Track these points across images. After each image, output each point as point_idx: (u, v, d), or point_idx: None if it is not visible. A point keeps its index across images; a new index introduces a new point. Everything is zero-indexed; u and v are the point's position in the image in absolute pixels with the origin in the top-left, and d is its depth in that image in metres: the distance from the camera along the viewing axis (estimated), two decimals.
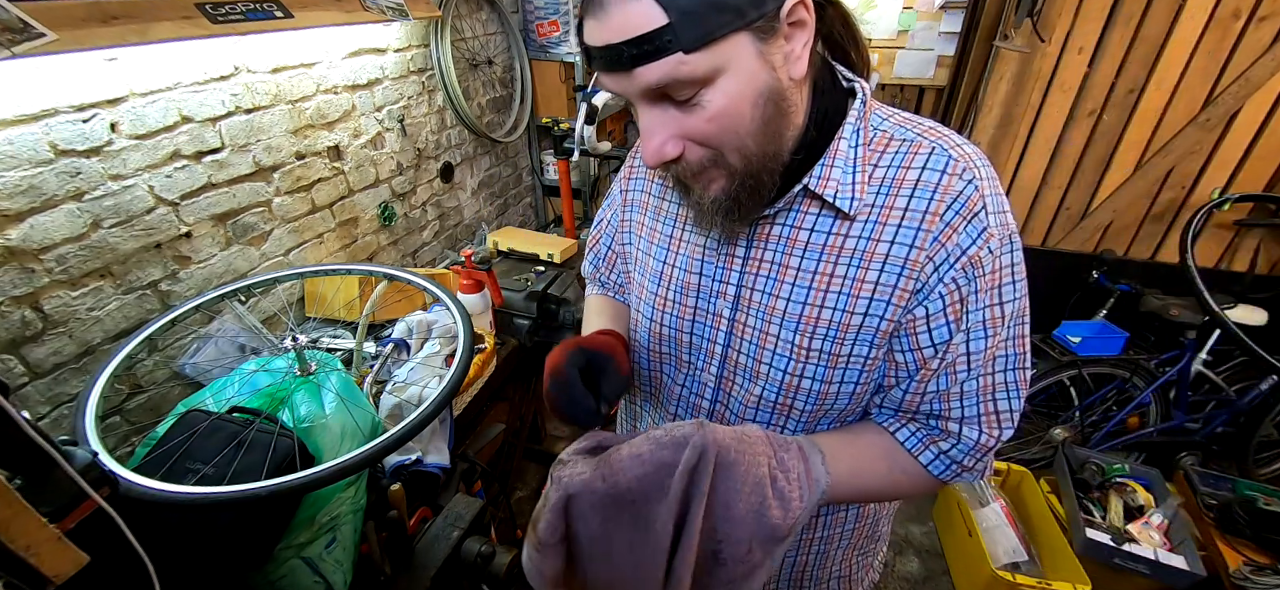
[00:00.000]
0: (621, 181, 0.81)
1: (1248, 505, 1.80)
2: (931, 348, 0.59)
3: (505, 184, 2.66)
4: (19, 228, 1.07)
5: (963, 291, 0.57)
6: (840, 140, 0.59)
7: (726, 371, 0.69)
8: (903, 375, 0.62)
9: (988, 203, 0.56)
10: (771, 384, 0.65)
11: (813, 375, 0.63)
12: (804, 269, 0.61)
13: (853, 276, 0.59)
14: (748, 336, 0.65)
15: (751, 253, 0.64)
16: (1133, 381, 2.18)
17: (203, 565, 0.90)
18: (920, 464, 0.64)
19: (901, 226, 0.57)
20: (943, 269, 0.56)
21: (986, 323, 0.58)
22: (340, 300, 1.62)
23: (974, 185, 0.56)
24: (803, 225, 0.61)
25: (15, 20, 0.93)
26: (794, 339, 0.62)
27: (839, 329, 0.60)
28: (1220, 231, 2.38)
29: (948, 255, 0.56)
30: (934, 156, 0.57)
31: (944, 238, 0.56)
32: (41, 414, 1.15)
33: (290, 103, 1.55)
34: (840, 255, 0.59)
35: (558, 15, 2.41)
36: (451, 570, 1.09)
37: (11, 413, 0.54)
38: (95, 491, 0.62)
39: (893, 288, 0.58)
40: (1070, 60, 2.28)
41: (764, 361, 0.65)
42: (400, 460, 1.25)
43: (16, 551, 0.53)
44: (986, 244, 0.56)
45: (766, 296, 0.63)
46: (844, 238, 0.59)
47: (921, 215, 0.56)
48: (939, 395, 0.61)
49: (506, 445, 1.87)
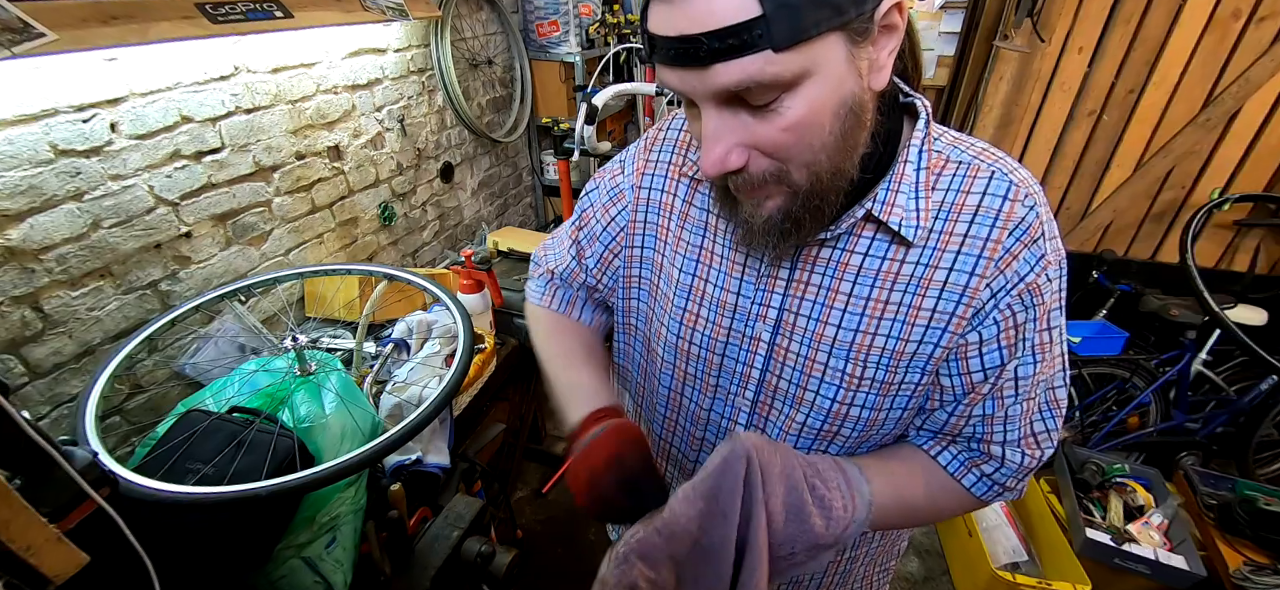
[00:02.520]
0: (634, 176, 0.72)
1: (1248, 505, 1.80)
2: (981, 374, 0.57)
3: (505, 184, 2.66)
4: (19, 228, 1.07)
5: (1018, 318, 0.55)
6: (906, 163, 0.55)
7: (763, 397, 0.65)
8: (948, 399, 0.60)
9: (1046, 229, 0.55)
10: (817, 412, 0.62)
11: (862, 403, 0.60)
12: (856, 295, 0.58)
13: (909, 304, 0.56)
14: (790, 362, 0.62)
15: (796, 275, 0.60)
16: (1133, 381, 2.19)
17: (203, 565, 0.90)
18: (963, 486, 0.63)
19: (961, 253, 0.55)
20: (1001, 296, 0.55)
21: (1036, 348, 0.57)
22: (340, 300, 1.62)
23: (1035, 211, 0.54)
24: (856, 248, 0.57)
25: (15, 20, 0.93)
26: (845, 367, 0.59)
27: (892, 357, 0.58)
28: (1220, 231, 2.38)
29: (1007, 282, 0.54)
30: (995, 181, 0.55)
31: (1004, 264, 0.54)
32: (41, 414, 1.15)
33: (290, 103, 1.55)
34: (896, 282, 0.56)
35: (558, 15, 2.41)
36: (451, 570, 1.09)
37: (11, 413, 0.54)
38: (95, 491, 0.62)
39: (950, 315, 0.56)
40: (1070, 60, 2.28)
41: (810, 388, 0.62)
42: (400, 460, 1.25)
43: (16, 551, 0.53)
44: (1045, 271, 0.55)
45: (813, 323, 0.60)
46: (900, 263, 0.56)
47: (983, 242, 0.54)
48: (984, 419, 0.60)
49: (506, 445, 1.87)
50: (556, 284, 0.81)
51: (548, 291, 0.82)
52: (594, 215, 0.76)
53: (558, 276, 0.81)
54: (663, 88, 2.08)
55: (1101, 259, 2.43)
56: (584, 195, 0.78)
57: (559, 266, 0.80)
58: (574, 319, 0.80)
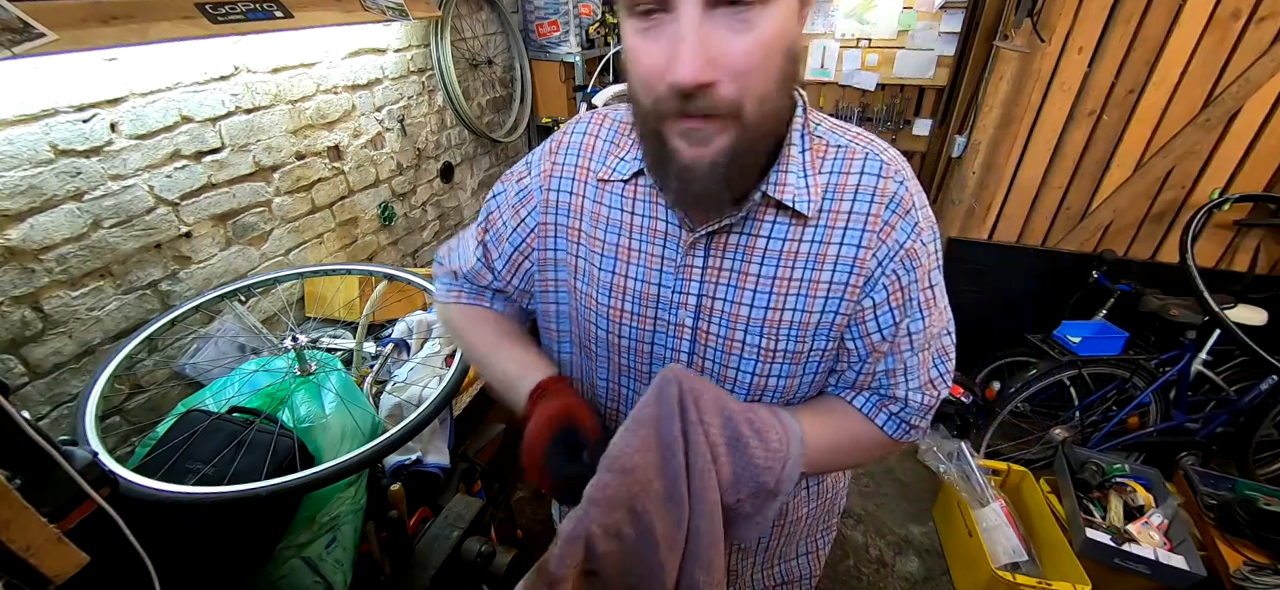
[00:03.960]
0: (541, 178, 0.71)
1: (1248, 505, 1.80)
2: (878, 334, 0.64)
3: None
4: (19, 228, 1.07)
5: (903, 281, 0.62)
6: (790, 145, 0.60)
7: None
8: (854, 359, 0.66)
9: (916, 200, 0.62)
10: (740, 386, 0.67)
11: (779, 374, 0.66)
12: (764, 275, 0.63)
13: (809, 278, 0.62)
14: (712, 344, 0.66)
15: (710, 261, 0.64)
16: (1133, 381, 2.18)
17: (203, 565, 0.90)
18: (876, 425, 0.69)
19: (848, 228, 0.61)
20: (885, 263, 0.61)
21: (923, 306, 0.64)
22: (340, 300, 1.62)
23: (904, 186, 0.61)
24: (760, 233, 0.62)
25: (15, 20, 0.93)
26: (760, 342, 0.64)
27: (800, 329, 0.63)
28: (1220, 231, 2.38)
29: (888, 250, 0.61)
30: (869, 161, 0.61)
31: (885, 235, 0.61)
32: (41, 414, 1.15)
33: (290, 103, 1.55)
34: (797, 259, 0.62)
35: (558, 15, 2.41)
36: (451, 570, 1.09)
37: (11, 413, 0.54)
38: (95, 491, 0.62)
39: (845, 284, 0.62)
40: (1070, 60, 2.28)
41: (732, 366, 0.66)
42: (400, 460, 1.25)
43: (16, 551, 0.53)
44: (919, 237, 0.61)
45: (729, 305, 0.64)
46: (799, 242, 0.61)
47: (865, 216, 0.60)
48: (888, 373, 0.66)
49: (506, 445, 1.87)
50: (465, 281, 0.79)
51: (453, 290, 0.80)
52: (502, 217, 0.74)
53: (463, 277, 0.78)
54: None
55: (1101, 259, 2.43)
56: (490, 198, 0.76)
57: (464, 268, 0.78)
58: (487, 306, 0.79)
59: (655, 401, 0.58)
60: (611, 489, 0.54)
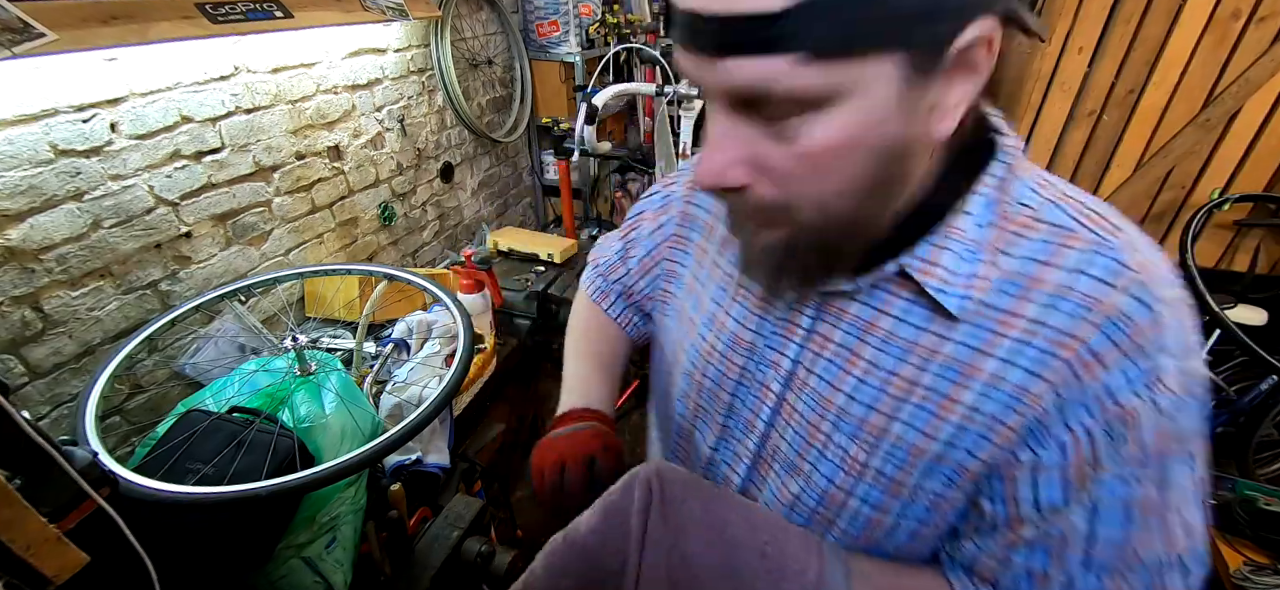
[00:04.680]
0: (685, 187, 0.68)
1: (1248, 505, 1.80)
2: (1032, 506, 0.43)
3: (505, 184, 2.66)
4: (19, 228, 1.07)
5: (1098, 451, 0.41)
6: (965, 214, 0.43)
7: (765, 453, 0.57)
8: (983, 527, 0.46)
9: (1168, 338, 0.40)
10: (812, 489, 0.52)
11: (863, 497, 0.49)
12: (878, 365, 0.47)
13: (943, 392, 0.44)
14: (794, 424, 0.53)
15: (819, 327, 0.50)
16: None
17: (203, 565, 0.90)
18: None
19: (1027, 344, 0.42)
20: (1072, 411, 0.41)
21: (1132, 505, 0.41)
22: (340, 300, 1.62)
23: (1149, 308, 0.40)
24: (889, 309, 0.47)
25: (15, 20, 0.93)
26: (848, 447, 0.49)
27: (908, 452, 0.46)
28: (1220, 231, 2.38)
29: (1084, 396, 0.40)
30: (1096, 256, 0.41)
31: (1085, 371, 0.40)
32: (41, 414, 1.15)
33: (290, 103, 1.55)
34: (932, 360, 0.45)
35: (558, 15, 2.41)
36: (451, 570, 1.09)
37: (11, 413, 0.54)
38: (95, 491, 0.62)
39: (995, 420, 0.43)
40: (1070, 60, 2.28)
41: (808, 459, 0.52)
42: (400, 460, 1.25)
43: (16, 551, 0.53)
44: (1153, 396, 0.39)
45: (824, 384, 0.50)
46: (942, 339, 0.45)
47: (1058, 334, 0.41)
48: (1030, 576, 0.45)
49: (506, 445, 1.87)
50: (599, 275, 0.81)
51: (592, 280, 0.82)
52: (644, 221, 0.74)
53: (600, 269, 0.80)
54: (662, 88, 2.08)
55: None
56: (643, 198, 0.78)
57: (602, 260, 0.80)
58: (606, 311, 0.80)
59: (623, 490, 0.52)
60: (558, 559, 0.52)
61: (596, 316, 0.80)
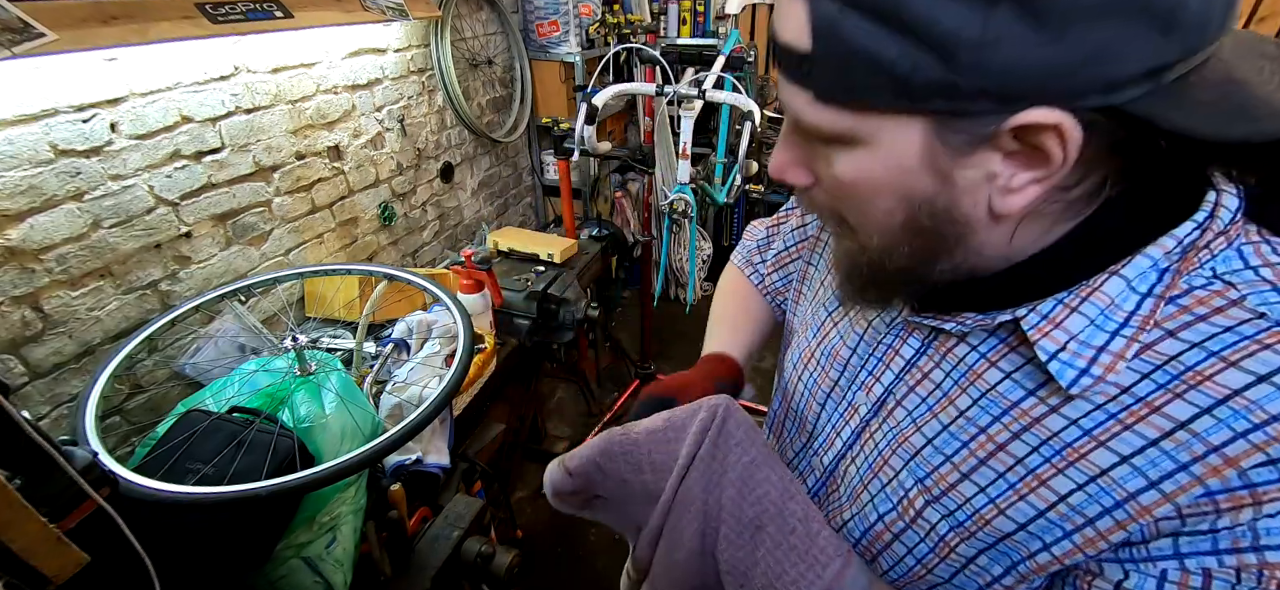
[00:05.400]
0: None
1: None
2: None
3: (505, 184, 2.66)
4: (19, 228, 1.07)
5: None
6: (1115, 274, 0.37)
7: (838, 471, 0.55)
8: None
9: None
10: (862, 519, 0.50)
11: (909, 546, 0.46)
12: (969, 416, 0.43)
13: (1031, 466, 0.39)
14: (869, 450, 0.51)
15: (920, 361, 0.48)
16: None
17: (203, 565, 0.90)
18: None
19: (1157, 443, 0.35)
20: (1194, 544, 0.34)
21: None
22: (340, 300, 1.62)
23: None
24: (999, 362, 0.42)
25: (15, 20, 0.93)
26: (908, 486, 0.46)
27: (971, 517, 0.42)
28: None
29: (1217, 532, 0.33)
30: (1274, 353, 0.32)
31: (1227, 500, 0.33)
32: (41, 414, 1.15)
33: (290, 103, 1.55)
34: (1031, 429, 0.40)
35: (558, 15, 2.41)
36: (451, 570, 1.10)
37: (11, 413, 0.54)
38: (95, 491, 0.62)
39: (1087, 521, 0.37)
40: None
41: (870, 489, 0.50)
42: (400, 460, 1.25)
43: (16, 551, 0.53)
44: None
45: (908, 419, 0.48)
46: (1050, 410, 0.39)
47: (1212, 450, 0.33)
48: None
49: (506, 445, 1.87)
50: (746, 250, 0.84)
51: (740, 252, 0.86)
52: (793, 215, 0.77)
53: (746, 250, 0.84)
54: (662, 88, 2.08)
55: None
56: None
57: (749, 244, 0.84)
58: (748, 277, 0.83)
59: (689, 413, 0.54)
60: (613, 440, 0.55)
61: (741, 280, 0.83)
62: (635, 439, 0.55)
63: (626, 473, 0.55)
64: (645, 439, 0.55)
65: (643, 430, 0.55)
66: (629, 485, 0.55)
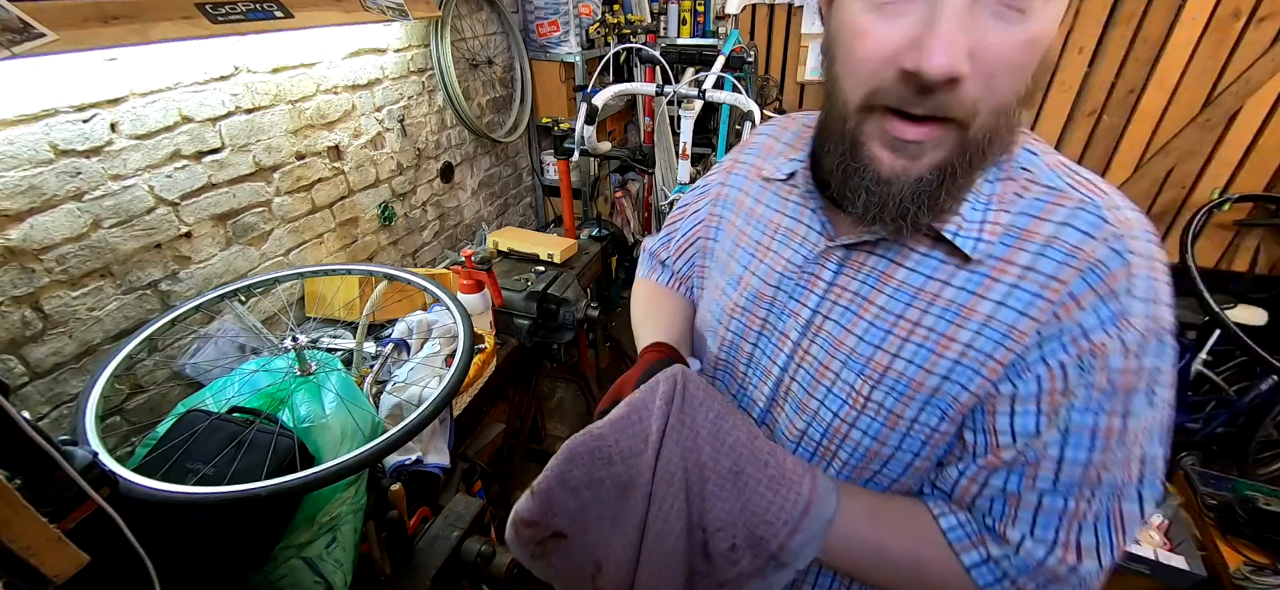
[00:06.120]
0: (721, 173, 0.75)
1: (1248, 505, 1.80)
2: (1008, 435, 0.48)
3: (505, 184, 2.66)
4: (19, 228, 1.07)
5: (1069, 381, 0.46)
6: (980, 178, 0.50)
7: (778, 396, 0.63)
8: (965, 455, 0.51)
9: (1136, 284, 0.45)
10: (818, 423, 0.58)
11: (865, 429, 0.55)
12: (887, 309, 0.53)
13: (941, 331, 0.50)
14: (806, 365, 0.59)
15: (839, 279, 0.56)
16: None
17: (203, 565, 0.90)
18: (960, 562, 0.51)
19: (1017, 286, 0.47)
20: (1050, 346, 0.46)
21: (1098, 432, 0.46)
22: (340, 300, 1.62)
23: (1123, 258, 0.45)
24: (903, 261, 0.53)
25: (15, 20, 0.93)
26: (854, 382, 0.54)
27: (908, 385, 0.52)
28: (1220, 231, 2.38)
29: (1061, 332, 0.46)
30: (1082, 213, 0.47)
31: (1063, 311, 0.46)
32: (41, 414, 1.15)
33: (290, 103, 1.55)
34: (934, 303, 0.51)
35: (558, 15, 2.41)
36: (451, 570, 1.10)
37: (11, 413, 0.54)
38: (95, 491, 0.62)
39: (986, 356, 0.48)
40: (1070, 60, 2.28)
41: (816, 396, 0.57)
42: (400, 460, 1.25)
43: (16, 551, 0.53)
44: (1121, 333, 0.45)
45: (838, 328, 0.56)
46: (944, 284, 0.50)
47: (1046, 279, 0.46)
48: (1003, 496, 0.50)
49: (506, 445, 1.87)
50: (646, 258, 0.91)
51: (643, 264, 0.92)
52: (687, 206, 0.82)
53: (649, 252, 0.90)
54: (662, 88, 2.08)
55: None
56: (688, 191, 0.86)
57: (652, 245, 0.90)
58: (656, 280, 0.88)
59: (647, 390, 0.57)
60: (574, 444, 0.56)
61: (651, 286, 0.88)
62: (599, 433, 0.56)
63: (595, 471, 0.55)
64: (609, 430, 0.56)
65: (605, 424, 0.56)
66: (598, 488, 0.56)
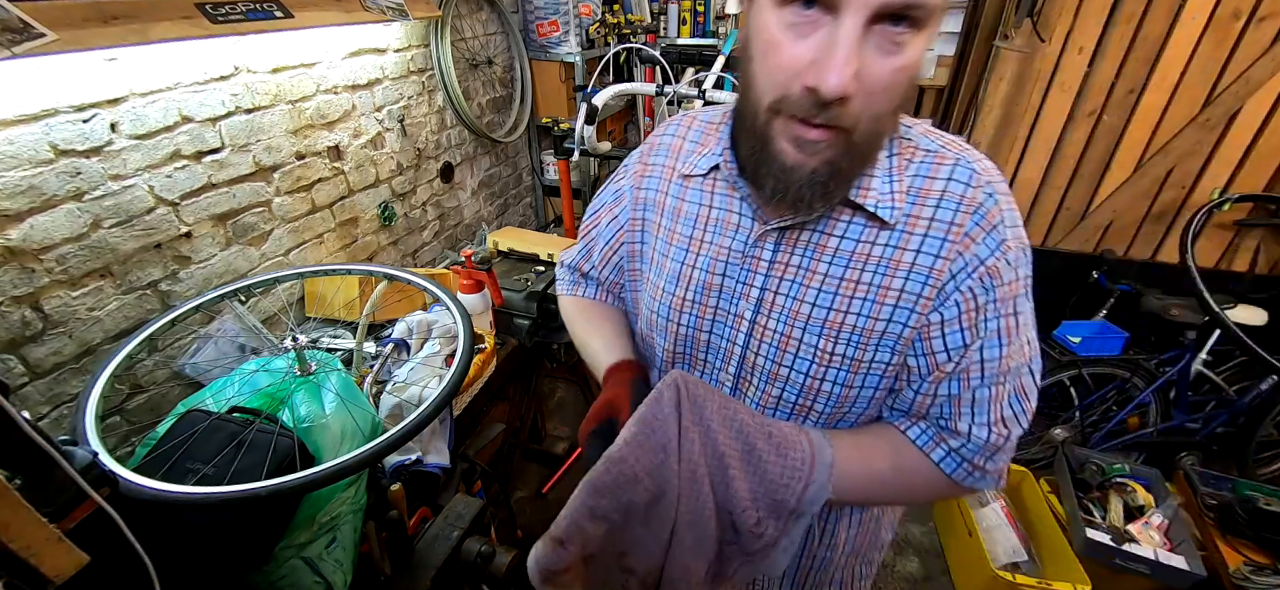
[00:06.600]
0: (634, 178, 0.78)
1: (1248, 505, 1.80)
2: (944, 353, 0.60)
3: (505, 184, 2.66)
4: (19, 228, 1.07)
5: (979, 300, 0.58)
6: (881, 154, 0.59)
7: (744, 372, 0.69)
8: (914, 379, 0.63)
9: (1006, 216, 0.58)
10: (792, 386, 0.65)
11: (834, 380, 0.63)
12: (831, 275, 0.61)
13: (879, 284, 0.60)
14: (768, 339, 0.65)
15: (778, 256, 0.63)
16: (1133, 381, 2.18)
17: (203, 565, 0.90)
18: (932, 461, 0.64)
19: (927, 236, 0.58)
20: (960, 277, 0.58)
21: (1001, 332, 0.59)
22: (340, 300, 1.62)
23: (994, 198, 0.58)
24: (833, 232, 0.61)
25: (15, 20, 0.93)
26: (818, 342, 0.62)
27: (862, 335, 0.61)
28: (1220, 231, 2.38)
29: (966, 264, 0.57)
30: (959, 168, 0.58)
31: (964, 247, 0.57)
32: (41, 414, 1.15)
33: (290, 103, 1.55)
34: (867, 262, 0.60)
35: (558, 15, 2.41)
36: (451, 570, 1.09)
37: (11, 413, 0.54)
38: (95, 491, 0.62)
39: (917, 295, 0.59)
40: (1070, 60, 2.28)
41: (785, 363, 0.65)
42: (400, 460, 1.25)
43: (16, 551, 0.53)
44: (1004, 255, 0.58)
45: (790, 300, 0.63)
46: (872, 244, 0.60)
47: (947, 225, 0.58)
48: (950, 399, 0.62)
49: (506, 445, 1.87)
50: (568, 273, 0.92)
51: (565, 281, 0.92)
52: (601, 215, 0.84)
53: (569, 267, 0.91)
54: (662, 88, 2.08)
55: (1102, 259, 2.43)
56: (595, 197, 0.86)
57: (571, 260, 0.91)
58: (582, 295, 0.89)
59: (654, 401, 0.59)
60: (598, 477, 0.57)
61: (582, 303, 0.89)
62: (619, 458, 0.57)
63: (623, 495, 0.57)
64: (629, 452, 0.57)
65: (621, 447, 0.58)
66: (630, 509, 0.57)
